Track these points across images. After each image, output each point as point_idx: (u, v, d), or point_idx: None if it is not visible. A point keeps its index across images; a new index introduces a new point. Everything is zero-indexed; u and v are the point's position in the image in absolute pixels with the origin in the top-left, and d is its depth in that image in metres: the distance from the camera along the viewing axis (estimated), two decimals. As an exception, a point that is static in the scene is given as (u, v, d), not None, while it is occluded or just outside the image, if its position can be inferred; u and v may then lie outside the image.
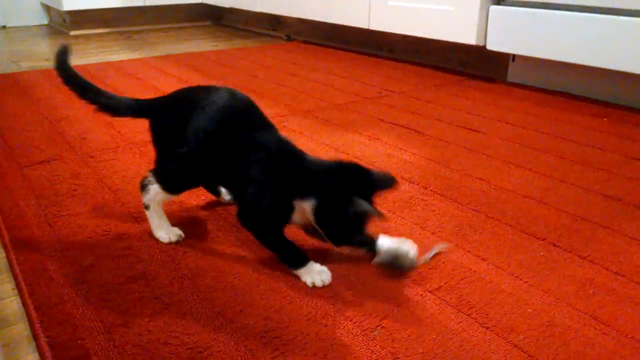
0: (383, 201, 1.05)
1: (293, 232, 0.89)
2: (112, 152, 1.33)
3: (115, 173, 1.20)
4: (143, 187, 0.94)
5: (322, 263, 0.84)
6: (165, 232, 0.94)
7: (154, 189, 0.92)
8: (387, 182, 0.82)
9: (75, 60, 2.45)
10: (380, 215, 0.78)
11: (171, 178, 0.91)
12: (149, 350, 0.68)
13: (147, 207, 0.94)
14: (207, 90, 0.87)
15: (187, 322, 0.73)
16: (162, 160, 0.91)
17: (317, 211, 0.79)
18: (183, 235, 0.94)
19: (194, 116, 0.84)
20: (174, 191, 0.93)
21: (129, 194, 1.10)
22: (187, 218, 1.01)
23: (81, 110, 1.65)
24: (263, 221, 0.84)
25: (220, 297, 0.78)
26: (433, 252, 0.86)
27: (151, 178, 0.92)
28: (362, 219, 0.80)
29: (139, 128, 1.50)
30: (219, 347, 0.68)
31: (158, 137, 0.91)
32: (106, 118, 1.57)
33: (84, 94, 0.92)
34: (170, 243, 0.92)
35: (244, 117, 0.86)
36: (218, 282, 0.81)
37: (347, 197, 0.77)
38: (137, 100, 0.94)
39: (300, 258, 0.83)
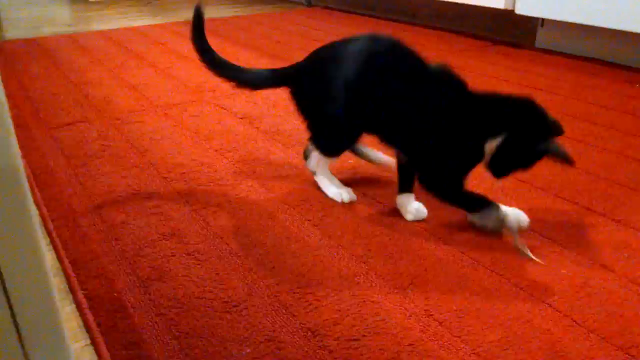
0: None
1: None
2: (138, 114, 1.33)
3: (142, 135, 1.21)
4: (306, 156, 0.96)
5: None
6: (339, 193, 0.93)
7: (315, 155, 0.93)
8: (559, 129, 0.81)
9: (97, 25, 2.44)
10: (569, 160, 0.78)
11: (327, 141, 0.90)
12: (184, 303, 0.69)
13: (314, 173, 0.96)
14: (342, 43, 0.85)
15: (220, 277, 0.74)
16: (314, 126, 0.90)
17: (501, 146, 0.78)
18: (355, 197, 0.93)
19: (336, 72, 0.83)
20: (333, 154, 0.92)
21: (156, 155, 1.10)
22: (210, 177, 1.01)
23: (105, 74, 1.65)
24: (454, 180, 0.82)
25: (253, 254, 0.79)
26: (528, 253, 0.80)
27: (311, 146, 0.93)
28: (540, 158, 0.79)
29: (162, 91, 1.49)
30: (254, 301, 0.69)
31: (303, 103, 0.90)
32: (130, 81, 1.57)
33: (223, 72, 0.95)
34: (343, 203, 0.92)
35: (394, 61, 0.82)
36: (249, 240, 0.82)
37: (539, 137, 0.78)
38: (274, 71, 0.93)
39: (482, 200, 0.82)
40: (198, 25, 0.95)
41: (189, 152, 1.12)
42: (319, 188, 0.96)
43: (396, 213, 0.89)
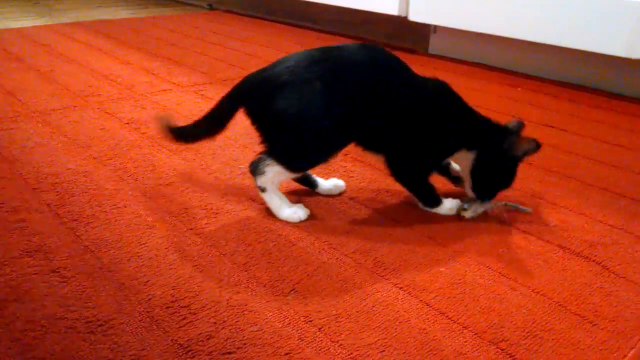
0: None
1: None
2: (11, 121, 1.22)
3: (13, 143, 1.11)
4: (255, 169, 0.85)
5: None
6: (292, 211, 0.86)
7: (273, 170, 0.83)
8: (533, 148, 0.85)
9: (-27, 26, 2.24)
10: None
11: (301, 156, 0.82)
12: (43, 325, 0.63)
13: (263, 190, 0.87)
14: (321, 52, 0.81)
15: (87, 295, 0.68)
16: (285, 140, 0.81)
17: (476, 163, 0.86)
18: (309, 211, 0.88)
19: (321, 82, 0.78)
20: (303, 170, 0.87)
21: (27, 165, 1.01)
22: (86, 187, 0.94)
23: (-23, 78, 1.51)
24: (422, 172, 0.88)
25: (126, 268, 0.73)
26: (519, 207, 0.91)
27: (268, 161, 0.83)
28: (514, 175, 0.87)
29: (42, 96, 1.39)
30: (122, 319, 0.64)
31: (267, 117, 0.81)
32: (5, 85, 1.45)
33: (188, 139, 0.93)
34: (300, 221, 0.86)
35: (383, 69, 0.82)
36: (123, 253, 0.76)
37: (508, 156, 0.85)
38: (225, 97, 0.85)
39: (437, 198, 0.89)
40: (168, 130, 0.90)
41: (65, 160, 1.04)
42: (264, 207, 0.89)
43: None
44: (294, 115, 0.79)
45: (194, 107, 1.33)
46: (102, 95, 1.41)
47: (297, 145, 0.81)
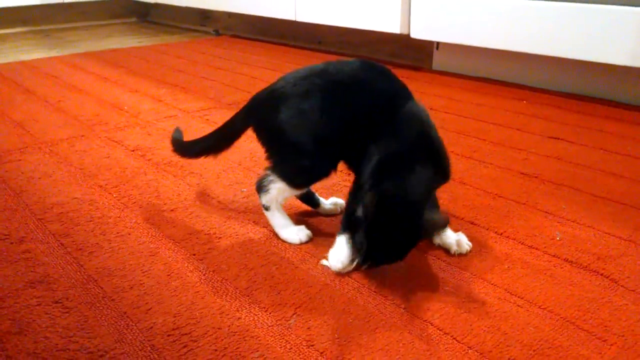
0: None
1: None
2: (19, 152, 1.24)
3: (20, 174, 1.12)
4: (261, 187, 0.85)
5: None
6: (295, 233, 0.86)
7: (277, 187, 0.83)
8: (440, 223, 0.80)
9: (-14, 60, 2.29)
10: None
11: (304, 172, 0.83)
12: (44, 358, 0.63)
13: (267, 208, 0.87)
14: (320, 69, 0.84)
15: (88, 325, 0.68)
16: (286, 155, 0.82)
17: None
18: (311, 234, 0.88)
19: (317, 98, 0.79)
20: (305, 186, 0.86)
21: (33, 195, 1.02)
22: (91, 216, 0.95)
23: (-13, 111, 1.54)
24: None
25: (128, 296, 0.73)
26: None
27: (272, 177, 0.84)
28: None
29: (50, 126, 1.41)
30: (123, 348, 0.64)
31: (271, 133, 0.83)
32: (14, 117, 1.48)
33: (198, 154, 0.94)
34: (301, 243, 0.86)
35: (360, 87, 0.82)
36: (125, 282, 0.76)
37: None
38: (236, 115, 0.88)
39: None
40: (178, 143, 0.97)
41: (70, 189, 1.05)
42: (267, 230, 0.89)
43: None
44: (295, 126, 0.80)
45: (199, 132, 1.33)
46: (109, 124, 1.43)
47: (298, 156, 0.81)
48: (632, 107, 1.51)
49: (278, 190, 0.84)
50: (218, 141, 0.91)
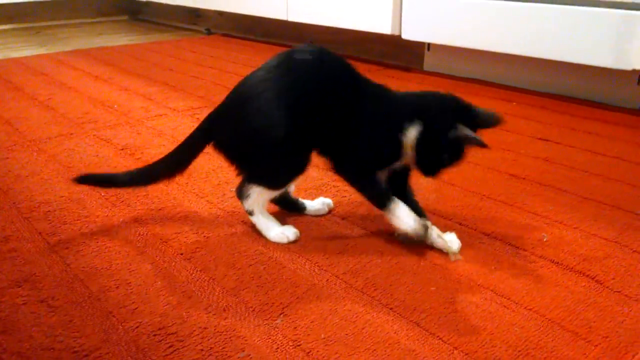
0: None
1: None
2: (6, 150, 1.23)
3: (7, 172, 1.11)
4: (241, 194, 0.86)
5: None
6: (282, 232, 0.86)
7: (257, 191, 0.84)
8: (490, 120, 0.82)
9: (-26, 57, 2.27)
10: (483, 144, 0.77)
11: (273, 173, 0.83)
12: (28, 357, 0.62)
13: (251, 213, 0.87)
14: (265, 67, 0.84)
15: (74, 324, 0.68)
16: (255, 161, 0.82)
17: (419, 138, 0.79)
18: (299, 232, 0.87)
19: (272, 96, 0.79)
20: (283, 185, 0.86)
21: (20, 194, 1.02)
22: (78, 214, 0.94)
23: (-25, 108, 1.52)
24: (370, 165, 0.83)
25: (114, 296, 0.73)
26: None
27: (247, 184, 0.84)
28: (460, 147, 0.81)
29: (39, 124, 1.40)
30: (108, 348, 0.64)
31: (234, 142, 0.83)
32: (3, 115, 1.46)
33: (149, 181, 0.92)
34: (289, 242, 0.86)
35: (329, 71, 0.83)
36: (112, 281, 0.76)
37: (451, 124, 0.78)
38: (194, 133, 0.88)
39: (388, 197, 0.83)
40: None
41: (58, 188, 1.04)
42: (255, 230, 0.88)
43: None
44: (260, 127, 0.80)
45: (188, 131, 1.32)
46: (99, 122, 1.42)
47: (269, 157, 0.81)
48: (619, 108, 1.53)
49: (258, 194, 0.85)
50: (174, 165, 0.89)
